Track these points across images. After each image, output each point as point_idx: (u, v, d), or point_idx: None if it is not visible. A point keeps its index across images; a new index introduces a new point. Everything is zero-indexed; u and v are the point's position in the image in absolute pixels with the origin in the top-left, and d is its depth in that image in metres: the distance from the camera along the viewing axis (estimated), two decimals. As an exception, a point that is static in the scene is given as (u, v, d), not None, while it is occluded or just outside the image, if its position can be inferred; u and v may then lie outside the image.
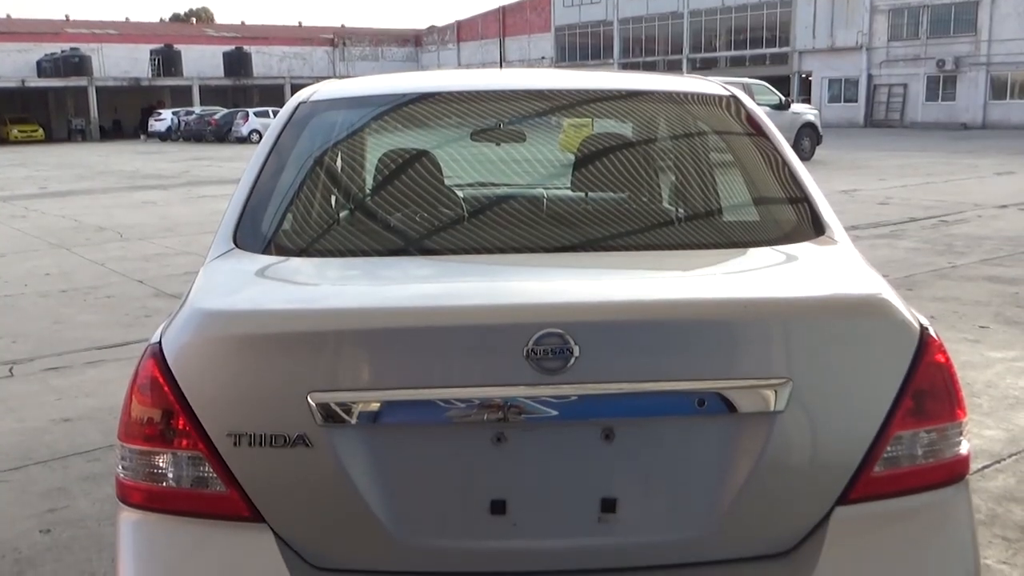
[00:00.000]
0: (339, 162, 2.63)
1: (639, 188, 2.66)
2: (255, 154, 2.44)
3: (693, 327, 1.73)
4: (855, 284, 1.93)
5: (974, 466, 3.70)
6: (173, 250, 10.33)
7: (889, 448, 1.76)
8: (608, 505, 1.74)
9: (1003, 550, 3.22)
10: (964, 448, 1.84)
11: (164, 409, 1.74)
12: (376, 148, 2.71)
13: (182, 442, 1.74)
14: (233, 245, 2.15)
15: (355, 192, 2.65)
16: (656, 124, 2.85)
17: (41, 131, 53.42)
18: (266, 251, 2.13)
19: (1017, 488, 3.70)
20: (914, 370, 1.77)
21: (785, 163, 2.40)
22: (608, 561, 1.78)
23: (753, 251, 2.18)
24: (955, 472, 1.84)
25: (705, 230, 2.51)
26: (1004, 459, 3.99)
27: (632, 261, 2.13)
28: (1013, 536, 3.31)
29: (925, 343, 1.79)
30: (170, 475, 1.76)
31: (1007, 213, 11.90)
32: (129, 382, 1.82)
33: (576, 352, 1.65)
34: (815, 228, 2.20)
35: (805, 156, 20.45)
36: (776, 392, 1.70)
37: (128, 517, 1.82)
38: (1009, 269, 8.18)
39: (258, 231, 2.20)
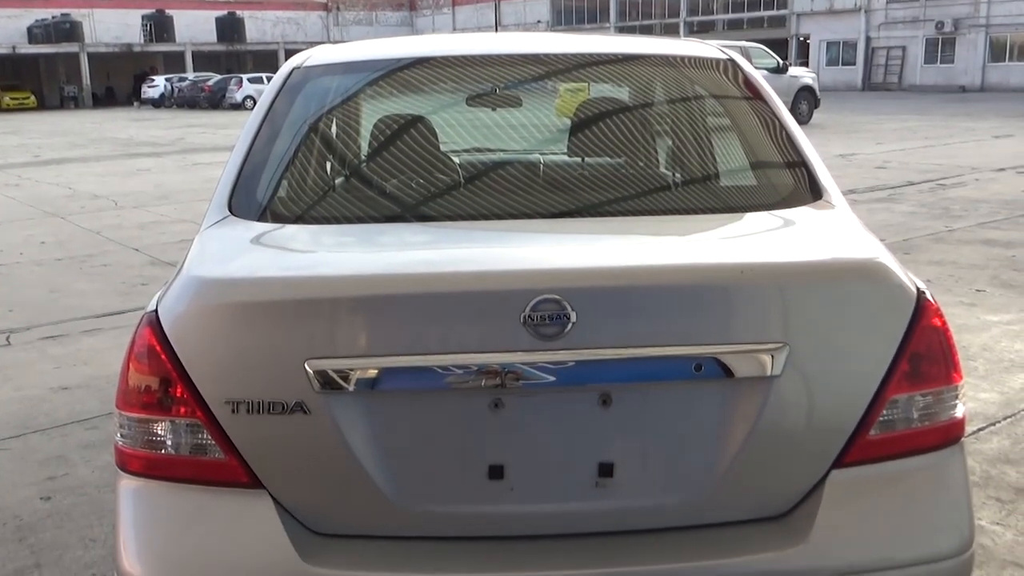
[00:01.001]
0: (334, 128, 2.61)
1: (636, 153, 2.65)
2: (249, 121, 2.42)
3: (690, 292, 1.72)
4: (852, 248, 1.93)
5: (969, 428, 3.72)
6: (169, 218, 10.30)
7: (885, 412, 1.77)
8: (605, 470, 1.75)
9: (997, 511, 3.25)
10: (959, 411, 1.85)
11: (162, 377, 1.74)
12: (371, 114, 2.69)
13: (180, 410, 1.74)
14: (228, 213, 2.14)
15: (350, 158, 2.63)
16: (653, 88, 2.83)
17: (33, 98, 52.98)
18: (261, 218, 2.13)
19: (1011, 450, 3.73)
20: (910, 334, 1.77)
21: (782, 127, 2.39)
22: (605, 525, 1.79)
23: (750, 216, 2.18)
24: (950, 435, 1.85)
25: (702, 195, 2.50)
26: (999, 422, 4.02)
27: (629, 226, 2.12)
28: (1007, 497, 3.34)
29: (922, 307, 1.79)
30: (169, 443, 1.77)
31: (1004, 176, 11.88)
32: (126, 350, 1.83)
33: (573, 318, 1.65)
34: (812, 192, 2.20)
35: (802, 120, 20.35)
36: (773, 357, 1.70)
37: (127, 484, 1.83)
38: (1006, 232, 8.18)
39: (253, 198, 2.19)
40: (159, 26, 60.26)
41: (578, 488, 1.76)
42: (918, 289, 1.82)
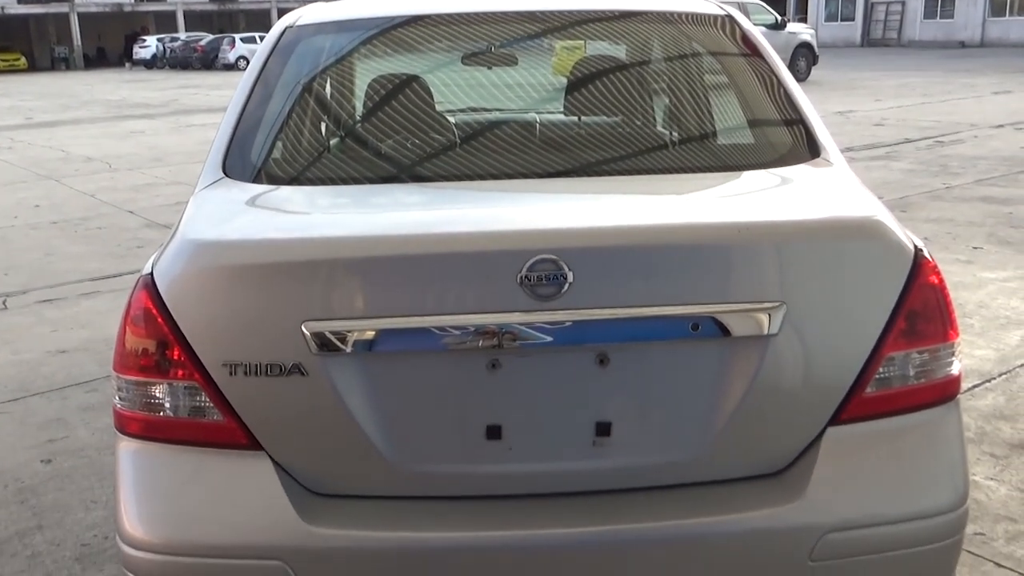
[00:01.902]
0: (327, 88, 2.59)
1: (633, 111, 2.63)
2: (242, 81, 2.40)
3: (687, 251, 1.72)
4: (850, 206, 1.92)
5: (964, 385, 3.74)
6: (163, 180, 10.25)
7: (881, 369, 1.78)
8: (603, 429, 1.75)
9: (991, 466, 3.28)
10: (955, 368, 1.85)
11: (158, 340, 1.74)
12: (365, 73, 2.67)
13: (178, 372, 1.74)
14: (222, 174, 2.12)
15: (344, 119, 2.61)
16: (650, 45, 2.80)
17: (24, 60, 52.42)
18: (256, 180, 2.11)
19: (1006, 406, 3.76)
20: (907, 292, 1.77)
21: (780, 84, 2.37)
22: (603, 483, 1.80)
23: (748, 174, 2.16)
24: (946, 392, 1.85)
25: (699, 153, 2.49)
26: (994, 378, 4.04)
27: (626, 185, 2.11)
28: (1001, 453, 3.37)
29: (919, 265, 1.79)
30: (167, 405, 1.77)
31: (1003, 133, 11.82)
32: (122, 313, 1.82)
33: (570, 278, 1.64)
34: (810, 150, 2.18)
35: (801, 77, 20.21)
36: (770, 316, 1.70)
37: (127, 447, 1.83)
38: (1003, 189, 8.17)
39: (247, 160, 2.18)
40: (150, -15, 59.47)
41: (576, 447, 1.76)
42: (915, 247, 1.81)
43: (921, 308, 1.79)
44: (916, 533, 1.79)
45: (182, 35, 50.28)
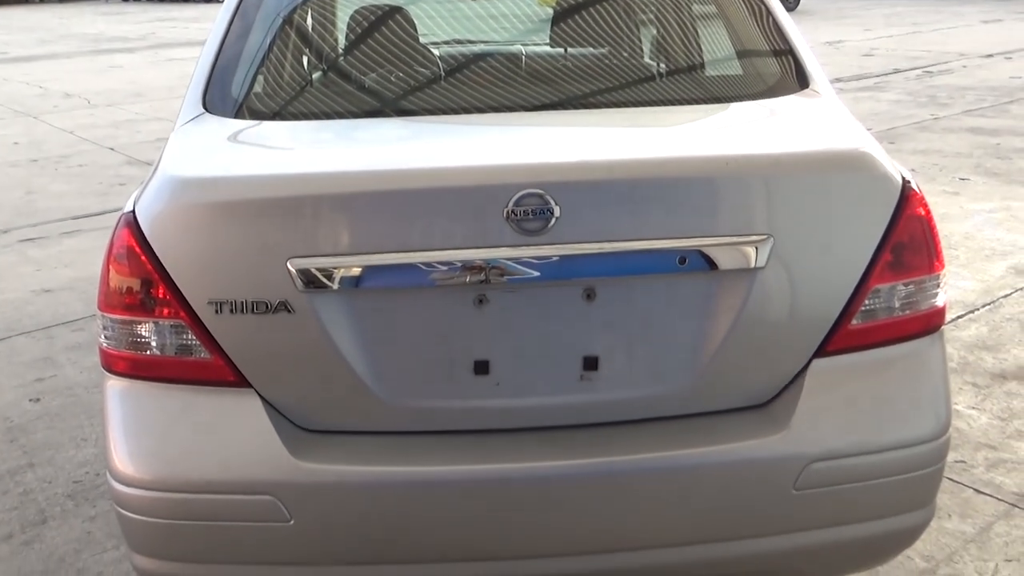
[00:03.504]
0: (309, 20, 2.53)
1: (620, 43, 2.59)
2: (220, 14, 2.35)
3: (674, 185, 1.71)
4: (838, 138, 1.91)
5: (949, 316, 3.78)
6: (143, 116, 10.09)
7: (867, 301, 1.78)
8: (590, 363, 1.76)
9: (973, 396, 3.33)
10: (940, 300, 1.86)
11: (143, 278, 1.73)
12: (347, 4, 2.61)
13: (163, 311, 1.73)
14: (203, 110, 2.09)
15: (327, 52, 2.56)
16: (637, -26, 2.74)
17: (-4, -8, 51.17)
18: (237, 115, 2.08)
19: (989, 337, 3.80)
20: (894, 224, 1.77)
21: (769, 13, 2.33)
22: (590, 417, 1.81)
23: (736, 106, 2.14)
24: (931, 323, 1.86)
25: (687, 85, 2.46)
26: (978, 309, 4.08)
27: (613, 118, 2.09)
28: (983, 383, 3.42)
29: (906, 197, 1.78)
30: (153, 343, 1.77)
31: (992, 63, 11.73)
32: (105, 252, 1.80)
33: (557, 212, 1.63)
34: (799, 81, 2.16)
35: (790, 6, 19.93)
36: (757, 249, 1.70)
37: (114, 385, 1.83)
38: (991, 120, 8.14)
39: (228, 95, 2.14)
40: (123, -86, 57.75)
41: (563, 382, 1.77)
42: (903, 178, 1.80)
43: (908, 240, 1.79)
44: (899, 462, 1.82)
45: (158, -34, 49.05)
